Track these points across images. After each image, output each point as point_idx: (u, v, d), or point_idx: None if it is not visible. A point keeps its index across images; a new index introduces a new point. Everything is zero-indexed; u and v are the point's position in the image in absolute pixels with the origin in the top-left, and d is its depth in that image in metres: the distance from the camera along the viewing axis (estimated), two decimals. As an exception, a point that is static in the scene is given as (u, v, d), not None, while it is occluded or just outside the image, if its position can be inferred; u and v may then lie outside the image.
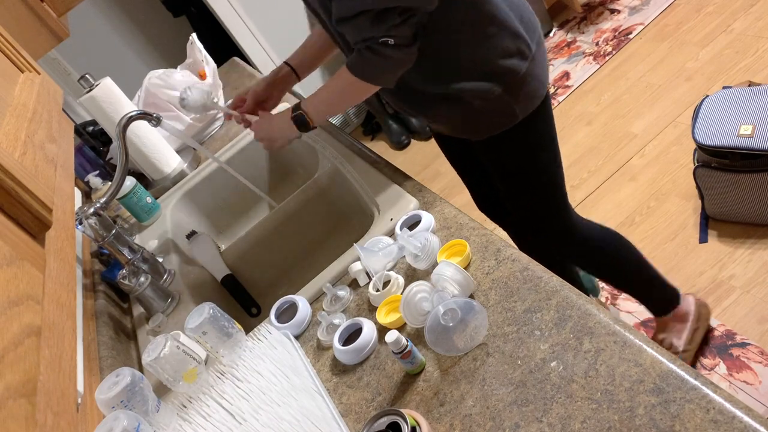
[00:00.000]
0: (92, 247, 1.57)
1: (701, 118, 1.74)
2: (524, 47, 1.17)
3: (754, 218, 1.78)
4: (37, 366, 0.48)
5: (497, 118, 1.23)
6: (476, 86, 1.16)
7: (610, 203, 2.20)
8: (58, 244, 0.66)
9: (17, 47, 1.00)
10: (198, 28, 3.28)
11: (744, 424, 0.60)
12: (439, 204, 1.08)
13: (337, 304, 1.04)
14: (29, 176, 0.64)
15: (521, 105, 1.22)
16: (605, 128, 2.53)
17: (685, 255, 1.87)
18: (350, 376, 0.91)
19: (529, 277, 0.86)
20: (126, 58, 3.52)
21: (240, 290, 1.32)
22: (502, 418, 0.73)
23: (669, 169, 2.17)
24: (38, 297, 0.55)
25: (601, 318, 0.76)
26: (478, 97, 1.17)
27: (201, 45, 1.97)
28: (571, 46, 3.08)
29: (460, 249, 0.95)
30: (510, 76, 1.17)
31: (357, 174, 1.28)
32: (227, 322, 0.98)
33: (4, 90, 0.82)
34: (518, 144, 1.28)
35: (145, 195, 1.61)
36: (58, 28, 1.40)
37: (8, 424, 0.40)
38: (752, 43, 2.41)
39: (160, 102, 1.82)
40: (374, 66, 1.08)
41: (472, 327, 0.81)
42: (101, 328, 1.21)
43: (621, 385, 0.69)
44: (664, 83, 2.53)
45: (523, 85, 1.19)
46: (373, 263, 1.00)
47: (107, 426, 0.81)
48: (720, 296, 1.72)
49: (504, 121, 1.23)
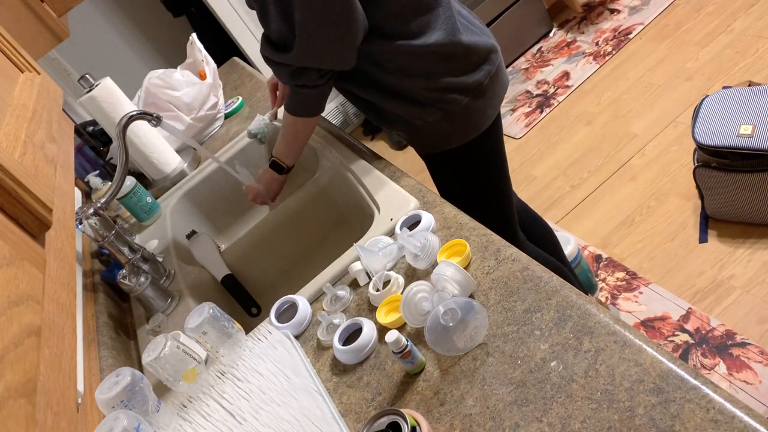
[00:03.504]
0: (92, 247, 1.57)
1: (701, 118, 1.73)
2: (470, 82, 1.19)
3: (754, 218, 1.78)
4: (37, 366, 0.48)
5: (434, 139, 1.27)
6: (412, 110, 1.21)
7: (610, 203, 2.20)
8: (58, 244, 0.66)
9: (17, 47, 1.00)
10: (198, 28, 3.28)
11: (744, 423, 0.60)
12: (439, 204, 1.08)
13: (337, 304, 1.03)
14: (29, 176, 0.64)
15: (458, 133, 1.25)
16: (605, 128, 2.53)
17: (685, 255, 1.87)
18: (350, 376, 0.91)
19: (529, 276, 0.86)
20: (126, 58, 3.52)
21: (240, 290, 1.32)
22: (502, 417, 0.73)
23: (669, 169, 2.17)
24: (38, 297, 0.55)
25: (601, 318, 0.76)
26: (416, 116, 1.22)
27: (201, 45, 1.97)
28: (571, 46, 3.08)
29: (460, 249, 0.95)
30: (449, 105, 1.20)
31: (357, 174, 1.28)
32: (227, 322, 0.98)
33: (4, 90, 0.82)
34: (454, 166, 1.32)
35: (145, 195, 1.61)
36: (58, 28, 1.40)
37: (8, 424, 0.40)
38: (752, 43, 2.41)
39: (160, 102, 1.82)
40: (301, 104, 1.22)
41: (472, 327, 0.81)
42: (101, 328, 1.21)
43: (621, 384, 0.69)
44: (664, 83, 2.53)
45: (462, 116, 1.22)
46: (373, 263, 1.00)
47: (107, 426, 0.81)
48: (720, 296, 1.72)
49: (440, 142, 1.27)
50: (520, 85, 3.07)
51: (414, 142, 1.34)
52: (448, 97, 1.19)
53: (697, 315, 1.70)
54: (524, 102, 2.95)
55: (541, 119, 2.80)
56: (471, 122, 1.25)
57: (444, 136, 1.26)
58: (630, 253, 1.98)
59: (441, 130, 1.24)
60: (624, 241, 2.04)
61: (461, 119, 1.23)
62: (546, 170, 2.52)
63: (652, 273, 1.88)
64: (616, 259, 1.99)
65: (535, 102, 2.91)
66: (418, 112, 1.21)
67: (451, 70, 1.18)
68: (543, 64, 3.10)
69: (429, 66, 1.16)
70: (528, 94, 2.98)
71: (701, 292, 1.75)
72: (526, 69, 3.15)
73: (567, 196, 2.34)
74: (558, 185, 2.41)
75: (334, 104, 3.47)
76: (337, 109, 3.48)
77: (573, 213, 2.25)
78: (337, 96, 3.45)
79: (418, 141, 1.32)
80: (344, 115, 3.52)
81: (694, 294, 1.76)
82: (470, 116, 1.23)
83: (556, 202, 2.34)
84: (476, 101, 1.22)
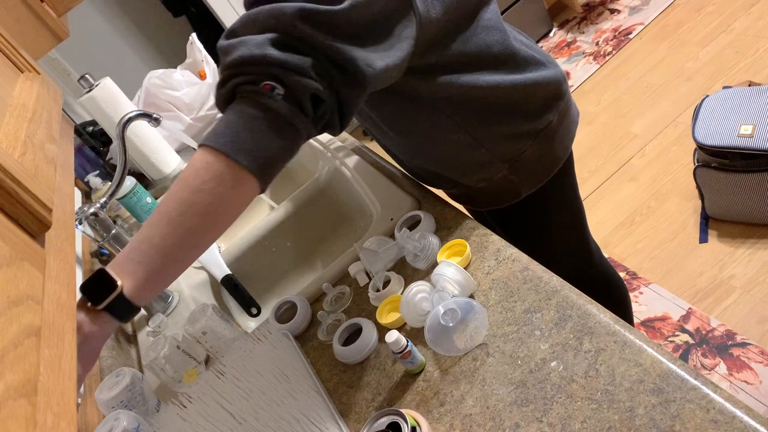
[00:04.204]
0: (92, 247, 1.57)
1: (701, 118, 1.73)
2: (538, 125, 0.99)
3: (754, 218, 1.78)
4: (37, 366, 0.48)
5: (500, 196, 1.08)
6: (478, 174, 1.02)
7: (610, 203, 2.20)
8: (58, 244, 0.66)
9: (17, 47, 1.00)
10: (198, 28, 3.28)
11: (744, 423, 0.60)
12: (439, 204, 1.08)
13: (337, 304, 1.04)
14: (29, 176, 0.64)
15: (526, 185, 1.06)
16: (605, 128, 2.53)
17: (685, 255, 1.87)
18: (350, 376, 0.91)
19: (529, 277, 0.86)
20: (126, 58, 3.52)
21: (240, 290, 1.32)
22: (502, 418, 0.73)
23: (669, 169, 2.17)
24: (38, 297, 0.55)
25: (601, 318, 0.76)
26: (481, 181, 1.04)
27: (201, 45, 1.97)
28: (571, 46, 3.08)
29: (460, 249, 0.95)
30: (514, 159, 1.01)
31: (357, 174, 1.28)
32: (227, 322, 0.98)
33: (4, 90, 0.82)
34: (524, 216, 1.12)
35: (145, 195, 1.61)
36: (58, 28, 1.40)
37: (8, 424, 0.40)
38: (752, 43, 2.41)
39: (160, 102, 1.82)
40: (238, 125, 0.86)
41: (472, 327, 0.81)
42: (101, 328, 1.21)
43: (621, 385, 0.69)
44: (664, 83, 2.53)
45: (530, 165, 1.03)
46: (373, 263, 1.00)
47: (107, 426, 0.82)
48: (720, 296, 1.72)
49: (507, 197, 1.08)
50: (520, 85, 3.07)
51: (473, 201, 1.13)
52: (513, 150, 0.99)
53: (698, 315, 1.70)
54: (524, 102, 2.95)
55: (541, 119, 2.80)
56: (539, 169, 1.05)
57: (512, 192, 1.06)
58: (630, 253, 1.98)
59: (507, 185, 1.04)
60: (624, 241, 2.04)
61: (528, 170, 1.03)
62: (546, 170, 2.52)
63: (653, 273, 1.88)
64: (616, 259, 1.99)
65: (535, 102, 2.91)
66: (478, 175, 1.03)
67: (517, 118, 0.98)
68: (543, 64, 3.10)
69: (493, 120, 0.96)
70: (528, 94, 2.98)
71: (701, 292, 1.75)
72: (526, 69, 3.15)
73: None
74: (558, 185, 2.41)
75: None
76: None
77: (573, 213, 2.25)
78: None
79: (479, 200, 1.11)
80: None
81: (695, 294, 1.76)
82: (538, 163, 1.03)
83: (556, 202, 2.34)
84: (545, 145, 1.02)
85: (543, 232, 1.16)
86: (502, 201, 1.09)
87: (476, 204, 1.13)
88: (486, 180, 1.03)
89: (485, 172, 1.02)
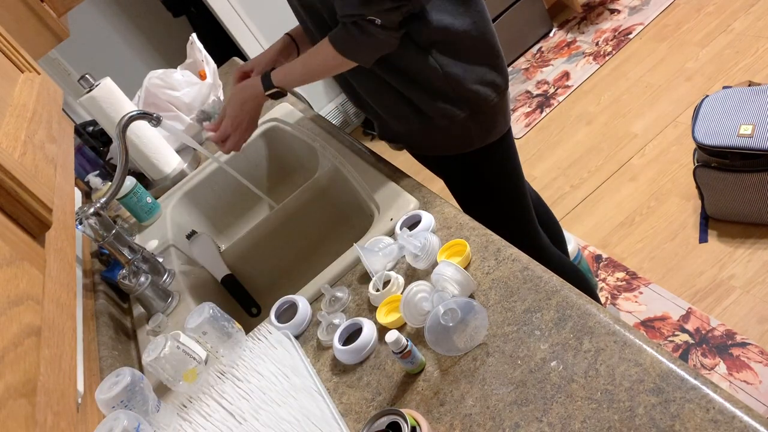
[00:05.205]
0: (92, 247, 1.57)
1: (701, 118, 1.74)
2: (499, 81, 1.16)
3: (754, 218, 1.78)
4: (37, 366, 0.48)
5: (453, 141, 1.21)
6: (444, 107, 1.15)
7: (610, 203, 2.20)
8: (58, 244, 0.66)
9: (17, 47, 1.00)
10: (198, 28, 3.28)
11: (744, 423, 0.60)
12: (439, 204, 1.08)
13: (337, 304, 1.04)
14: (29, 176, 0.64)
15: (481, 134, 1.20)
16: (605, 128, 2.53)
17: (685, 255, 1.87)
18: (350, 376, 0.91)
19: (529, 276, 0.86)
20: (126, 58, 3.52)
21: (240, 290, 1.32)
22: (502, 417, 0.73)
23: (669, 169, 2.17)
24: (38, 297, 0.55)
25: (601, 318, 0.76)
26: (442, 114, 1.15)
27: (201, 45, 1.97)
28: (571, 46, 3.08)
29: (460, 249, 0.95)
30: (479, 103, 1.15)
31: (357, 174, 1.28)
32: (227, 322, 0.98)
33: (4, 90, 0.82)
34: (470, 170, 1.27)
35: (145, 195, 1.61)
36: (58, 28, 1.40)
37: (8, 424, 0.40)
38: (752, 43, 2.41)
39: (160, 102, 1.82)
40: (357, 42, 1.05)
41: (472, 327, 0.81)
42: (101, 328, 1.21)
43: (621, 384, 0.69)
44: (664, 83, 2.53)
45: (489, 116, 1.18)
46: (373, 263, 1.00)
47: (107, 426, 0.81)
48: (720, 296, 1.72)
49: (458, 144, 1.21)
50: (520, 85, 3.07)
51: (426, 142, 1.25)
52: (482, 94, 1.14)
53: (697, 315, 1.70)
54: (524, 102, 2.95)
55: (541, 119, 2.80)
56: (494, 125, 1.19)
57: (465, 138, 1.19)
58: (630, 253, 1.98)
59: (464, 130, 1.17)
60: (624, 241, 2.04)
61: (487, 120, 1.17)
62: (546, 170, 2.52)
63: (652, 273, 1.88)
64: (616, 259, 1.99)
65: (535, 102, 2.91)
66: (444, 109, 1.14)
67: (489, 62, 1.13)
68: (543, 64, 3.10)
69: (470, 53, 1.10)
70: (528, 94, 2.98)
71: (701, 292, 1.75)
72: (526, 69, 3.15)
73: (567, 196, 2.34)
74: (558, 185, 2.41)
75: (334, 104, 3.47)
76: (337, 109, 3.48)
77: (573, 213, 2.25)
78: (337, 96, 3.45)
79: (433, 141, 1.23)
80: (344, 115, 3.52)
81: (694, 294, 1.76)
82: (495, 117, 1.18)
83: (556, 202, 2.34)
84: (502, 104, 1.17)
85: (482, 191, 1.29)
86: (452, 148, 1.22)
87: (428, 145, 1.25)
88: (448, 117, 1.15)
89: (450, 107, 1.14)
